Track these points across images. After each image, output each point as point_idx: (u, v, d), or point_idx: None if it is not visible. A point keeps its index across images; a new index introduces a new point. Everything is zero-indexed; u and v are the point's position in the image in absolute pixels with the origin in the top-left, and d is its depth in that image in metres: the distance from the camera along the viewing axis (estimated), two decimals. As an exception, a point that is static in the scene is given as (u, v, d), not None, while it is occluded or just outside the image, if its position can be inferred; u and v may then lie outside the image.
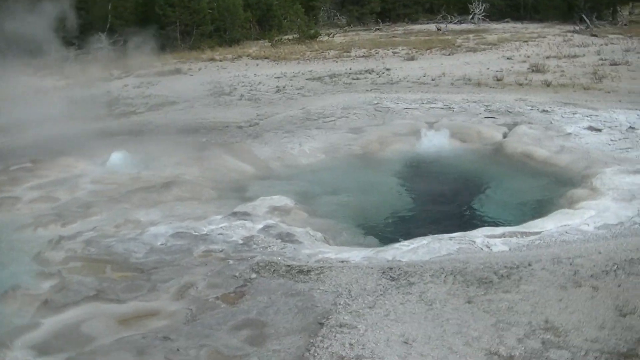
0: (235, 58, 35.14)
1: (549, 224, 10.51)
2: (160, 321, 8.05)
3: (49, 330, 7.97)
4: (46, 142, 17.50)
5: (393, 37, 43.18)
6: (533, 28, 43.94)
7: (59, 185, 13.84)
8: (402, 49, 34.69)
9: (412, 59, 31.09)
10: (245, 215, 11.50)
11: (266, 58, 34.47)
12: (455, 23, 49.80)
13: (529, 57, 29.25)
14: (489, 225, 11.15)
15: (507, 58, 29.62)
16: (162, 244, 10.38)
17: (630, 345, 6.74)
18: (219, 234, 10.69)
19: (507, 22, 49.78)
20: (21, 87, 28.51)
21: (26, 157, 15.83)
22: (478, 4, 50.16)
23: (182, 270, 9.32)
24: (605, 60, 26.89)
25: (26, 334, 7.88)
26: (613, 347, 6.74)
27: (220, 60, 34.37)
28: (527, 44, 34.45)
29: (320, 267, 9.10)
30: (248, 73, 29.03)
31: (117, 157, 15.38)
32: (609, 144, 14.94)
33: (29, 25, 26.34)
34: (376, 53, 33.99)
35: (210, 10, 42.75)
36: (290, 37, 43.71)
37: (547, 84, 22.12)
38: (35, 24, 26.52)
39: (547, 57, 28.68)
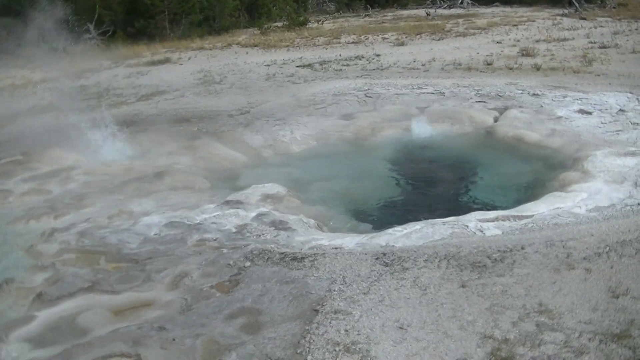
0: (224, 46, 35.10)
1: (541, 207, 10.55)
2: (156, 311, 8.06)
3: (44, 323, 7.97)
4: (36, 134, 17.47)
5: (382, 22, 43.12)
6: (522, 12, 43.92)
7: (50, 177, 13.81)
8: (392, 35, 34.65)
9: (402, 44, 31.06)
10: (238, 203, 11.51)
11: (256, 46, 34.41)
12: (444, 8, 49.74)
13: (518, 41, 29.24)
14: (481, 210, 11.19)
15: (497, 42, 29.60)
16: (155, 234, 10.40)
17: (623, 327, 6.78)
18: (212, 222, 10.71)
19: (497, 6, 49.74)
20: (10, 80, 28.53)
21: (17, 149, 15.82)
22: (467, -12, 50.15)
23: (176, 260, 9.34)
24: (595, 43, 26.89)
25: (21, 327, 7.88)
26: (606, 328, 6.78)
27: (210, 49, 34.32)
28: (517, 28, 34.43)
29: (314, 254, 9.12)
30: (238, 61, 28.97)
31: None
32: (600, 127, 14.97)
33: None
34: (366, 39, 33.95)
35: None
36: (279, 24, 43.62)
37: (537, 68, 22.12)
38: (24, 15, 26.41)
39: (537, 41, 28.67)
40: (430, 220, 10.34)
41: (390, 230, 10.17)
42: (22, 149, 15.76)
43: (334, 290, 7.92)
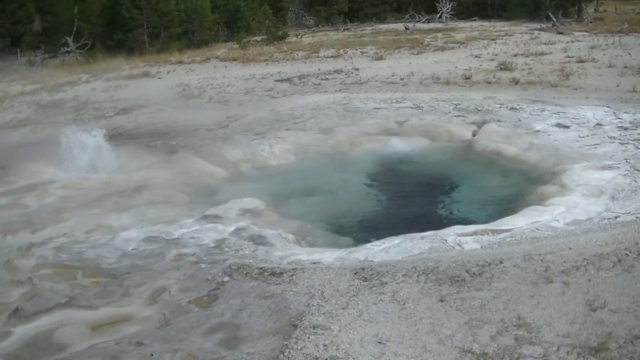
0: (203, 60, 35.09)
1: (519, 221, 10.60)
2: (134, 326, 8.01)
3: (20, 339, 7.90)
4: (14, 148, 17.40)
5: (361, 37, 43.29)
6: (500, 26, 44.22)
7: (27, 191, 13.73)
8: (371, 49, 34.80)
9: (381, 58, 31.18)
10: (216, 218, 11.49)
11: (235, 60, 34.43)
12: (423, 22, 50.03)
13: (497, 55, 29.43)
14: (460, 224, 11.20)
15: (476, 56, 29.78)
16: (133, 249, 10.36)
17: (600, 340, 6.80)
18: (191, 237, 10.68)
19: (475, 20, 50.06)
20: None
21: (-7, 163, 15.71)
22: (446, 3, 50.49)
23: (154, 275, 9.29)
24: (572, 57, 27.12)
25: (-5, 344, 7.80)
26: (584, 341, 6.80)
27: (189, 63, 34.31)
28: (495, 42, 34.67)
29: (293, 268, 9.10)
30: (217, 75, 28.97)
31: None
32: (577, 141, 15.07)
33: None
34: (345, 53, 34.06)
35: (178, 13, 42.60)
36: (258, 38, 43.71)
37: (515, 82, 22.25)
38: None
39: (515, 55, 28.87)
40: (408, 234, 10.35)
41: (368, 245, 10.18)
42: (-2, 163, 15.67)
43: (313, 305, 7.90)
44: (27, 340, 7.84)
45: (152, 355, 7.13)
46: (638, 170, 12.61)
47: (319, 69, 28.59)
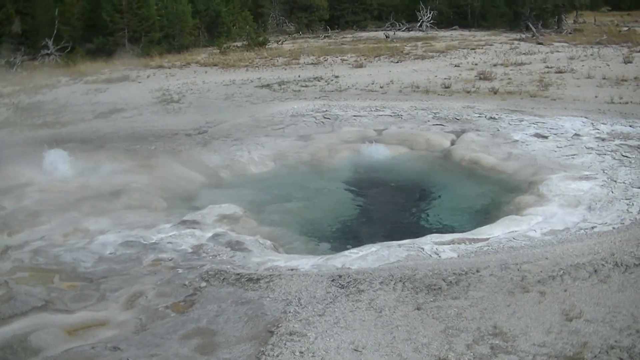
0: (184, 65, 35.02)
1: (496, 230, 10.65)
2: (110, 331, 7.99)
3: (-6, 341, 7.85)
4: (-9, 150, 17.29)
5: (342, 44, 43.32)
6: (480, 36, 44.42)
7: (4, 194, 13.60)
8: (351, 57, 34.84)
9: (361, 66, 31.22)
10: (194, 223, 11.47)
11: (215, 65, 34.39)
12: (403, 30, 50.14)
13: (476, 64, 29.54)
14: (437, 232, 11.26)
15: (455, 66, 29.88)
16: (111, 253, 10.32)
17: (576, 349, 6.85)
18: (169, 242, 10.66)
19: (455, 29, 50.26)
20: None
21: (-30, 165, 15.61)
22: (426, 12, 50.59)
23: (131, 280, 9.27)
24: (551, 68, 27.28)
25: (-29, 346, 7.77)
26: (560, 350, 6.85)
27: (169, 68, 34.22)
28: (475, 52, 34.81)
29: (270, 275, 9.11)
30: (197, 80, 28.91)
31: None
32: (555, 151, 15.15)
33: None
34: (325, 60, 34.09)
35: (159, 17, 42.49)
36: (239, 44, 43.69)
37: (495, 92, 22.34)
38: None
39: (494, 65, 29.00)
40: (386, 242, 10.38)
41: (346, 252, 10.20)
42: (-25, 164, 15.56)
43: (290, 312, 7.91)
44: (2, 343, 7.78)
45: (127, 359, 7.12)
46: (615, 181, 12.71)
47: (299, 76, 28.59)
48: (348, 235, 12.14)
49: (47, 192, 13.69)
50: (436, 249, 9.91)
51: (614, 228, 10.43)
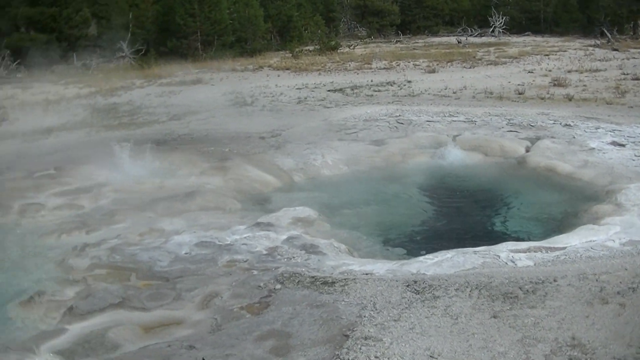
0: (256, 69, 35.30)
1: (573, 240, 10.46)
2: (186, 330, 8.06)
3: (74, 336, 7.99)
4: (69, 149, 17.63)
5: (413, 49, 43.26)
6: (554, 42, 43.94)
7: (82, 192, 13.90)
8: (423, 62, 34.76)
9: (433, 71, 31.12)
10: (268, 225, 11.51)
11: (287, 69, 34.58)
12: (475, 36, 49.90)
13: (550, 70, 29.23)
14: (513, 240, 11.13)
15: (529, 72, 29.60)
16: (186, 253, 10.41)
17: (658, 364, 6.72)
18: (243, 244, 10.70)
19: (528, 35, 49.82)
20: (44, 95, 28.81)
21: (50, 164, 15.95)
22: (498, 17, 50.22)
23: (206, 280, 9.33)
24: (628, 74, 26.86)
25: (52, 339, 7.93)
26: (641, 365, 6.72)
27: (242, 71, 34.52)
28: (548, 58, 34.44)
29: (345, 278, 9.09)
30: (269, 84, 29.11)
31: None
32: (633, 160, 14.88)
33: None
34: (397, 65, 34.07)
35: (231, 21, 42.92)
36: (311, 48, 43.90)
37: (569, 98, 22.07)
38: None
39: (569, 71, 28.66)
40: (461, 249, 10.27)
41: (421, 258, 10.13)
42: (55, 163, 15.91)
43: (365, 316, 7.88)
44: (81, 338, 7.92)
45: (203, 359, 7.16)
46: (696, 192, 12.44)
47: (371, 80, 28.61)
48: (422, 241, 12.06)
49: (123, 192, 13.91)
50: (512, 256, 9.78)
51: (695, 240, 10.22)
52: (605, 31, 41.63)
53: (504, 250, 10.07)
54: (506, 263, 9.59)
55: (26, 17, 40.46)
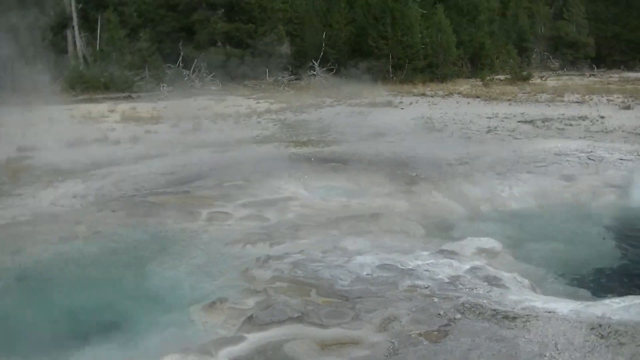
0: (446, 95, 35.23)
1: None
2: (362, 351, 8.02)
3: (252, 345, 8.14)
4: (258, 162, 18.08)
5: (608, 84, 42.02)
6: None
7: (268, 205, 14.23)
8: (618, 97, 33.67)
9: (628, 108, 30.07)
10: (452, 254, 11.37)
11: (477, 97, 34.32)
12: (677, 74, 47.96)
13: None
14: None
15: None
16: (367, 274, 10.40)
17: None
18: (425, 270, 10.60)
19: None
20: (236, 108, 29.73)
21: (239, 175, 16.40)
22: None
23: (386, 303, 9.29)
24: None
25: (230, 346, 8.12)
26: None
27: (432, 96, 34.51)
28: None
29: (527, 315, 8.86)
30: (459, 111, 28.95)
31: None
32: None
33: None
34: (590, 99, 33.16)
35: (423, 46, 43.05)
36: (502, 77, 43.40)
37: None
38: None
39: None
40: (652, 295, 9.84)
41: (607, 301, 9.73)
42: (243, 175, 16.37)
43: (545, 356, 7.66)
44: (258, 348, 8.04)
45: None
46: None
47: (563, 114, 27.96)
48: (609, 284, 11.60)
49: (308, 208, 14.13)
50: None
51: None
52: None
53: (701, 301, 9.57)
54: (702, 315, 9.10)
55: (223, 33, 42.14)
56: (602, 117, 27.00)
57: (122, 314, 9.91)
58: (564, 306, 9.45)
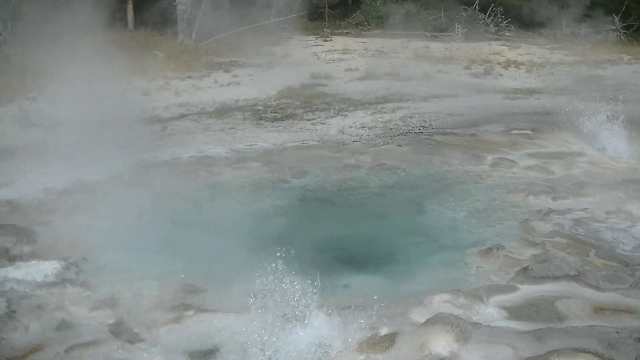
0: None
1: None
2: (637, 321, 7.72)
3: (523, 297, 8.09)
4: (548, 113, 17.79)
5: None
6: None
7: (555, 158, 13.98)
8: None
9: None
10: None
11: None
12: None
13: None
14: None
15: None
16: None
17: None
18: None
19: None
20: (530, 57, 29.26)
21: (528, 123, 16.20)
22: None
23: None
24: None
25: (502, 294, 8.12)
26: None
27: None
28: None
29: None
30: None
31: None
32: None
33: None
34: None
35: None
36: None
37: None
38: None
39: None
40: None
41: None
42: (532, 124, 16.16)
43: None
44: (529, 300, 7.99)
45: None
46: None
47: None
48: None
49: (596, 165, 13.67)
50: None
51: None
52: None
53: None
54: None
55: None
56: None
57: (397, 247, 10.17)
58: None
